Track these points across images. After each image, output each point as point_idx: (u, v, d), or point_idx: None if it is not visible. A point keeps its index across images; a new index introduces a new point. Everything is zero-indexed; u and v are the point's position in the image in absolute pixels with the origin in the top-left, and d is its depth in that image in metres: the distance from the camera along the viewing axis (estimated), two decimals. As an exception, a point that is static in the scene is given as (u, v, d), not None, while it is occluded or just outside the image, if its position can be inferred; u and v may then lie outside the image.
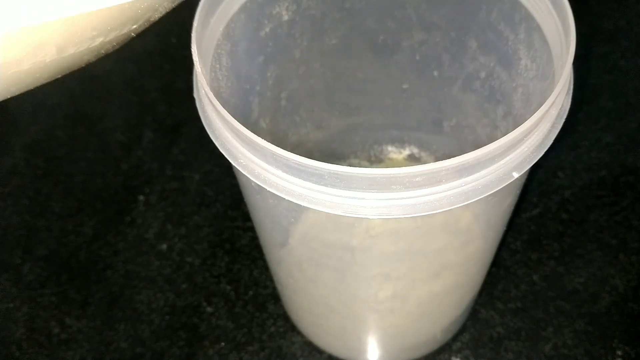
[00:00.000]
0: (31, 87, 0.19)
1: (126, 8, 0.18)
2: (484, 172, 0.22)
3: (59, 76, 0.20)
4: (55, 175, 0.47)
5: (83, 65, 0.20)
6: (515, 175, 0.23)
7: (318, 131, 0.39)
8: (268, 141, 0.22)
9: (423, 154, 0.41)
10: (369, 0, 0.33)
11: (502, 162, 0.22)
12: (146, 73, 0.53)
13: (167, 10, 0.20)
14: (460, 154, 0.21)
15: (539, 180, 0.44)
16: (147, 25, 0.20)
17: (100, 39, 0.19)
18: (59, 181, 0.46)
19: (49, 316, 0.40)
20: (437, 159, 0.40)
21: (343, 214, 0.22)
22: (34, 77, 0.19)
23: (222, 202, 0.44)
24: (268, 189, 0.23)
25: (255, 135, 0.22)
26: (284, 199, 0.23)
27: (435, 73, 0.36)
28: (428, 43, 0.34)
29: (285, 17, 0.32)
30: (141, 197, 0.45)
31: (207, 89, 0.23)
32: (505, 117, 0.33)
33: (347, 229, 0.27)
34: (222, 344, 0.38)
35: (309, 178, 0.22)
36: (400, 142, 0.41)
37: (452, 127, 0.38)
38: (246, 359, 0.38)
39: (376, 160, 0.41)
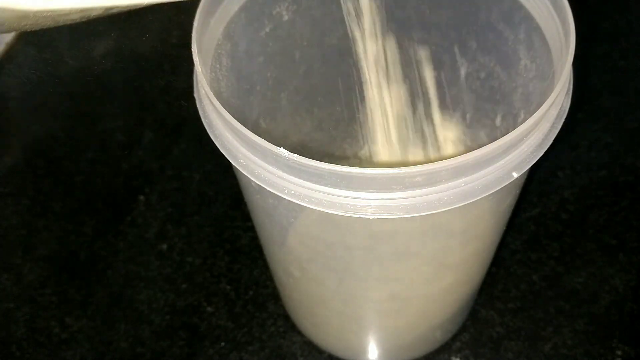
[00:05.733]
0: (72, 23, 0.20)
1: None
2: (483, 172, 0.22)
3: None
4: (56, 175, 0.47)
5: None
6: (515, 175, 0.23)
7: (318, 131, 0.39)
8: (268, 141, 0.22)
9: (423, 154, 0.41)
10: (370, 0, 0.33)
11: (501, 162, 0.22)
12: (146, 73, 0.53)
13: None
14: (460, 154, 0.21)
15: (539, 180, 0.44)
16: None
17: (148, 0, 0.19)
18: (59, 181, 0.46)
19: (49, 316, 0.40)
20: (437, 159, 0.40)
21: (343, 214, 0.22)
22: (74, 21, 0.19)
23: (222, 202, 0.44)
24: (268, 189, 0.23)
25: (255, 135, 0.22)
26: (284, 199, 0.23)
27: (436, 73, 0.36)
28: (428, 43, 0.34)
29: (285, 17, 0.32)
30: (141, 197, 0.45)
31: (207, 89, 0.23)
32: (505, 117, 0.33)
33: (347, 229, 0.27)
34: (222, 343, 0.38)
35: (309, 178, 0.22)
36: (400, 142, 0.41)
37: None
38: (246, 358, 0.38)
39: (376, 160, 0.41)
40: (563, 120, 0.24)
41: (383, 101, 0.33)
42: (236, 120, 0.22)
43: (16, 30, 0.20)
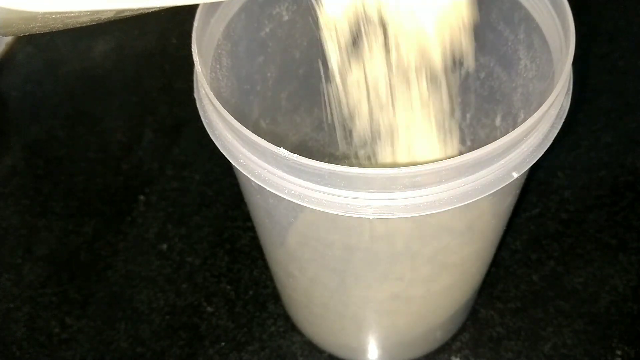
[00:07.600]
0: (82, 25, 0.20)
1: None
2: (483, 172, 0.22)
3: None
4: (56, 175, 0.47)
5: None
6: (515, 175, 0.23)
7: (318, 131, 0.39)
8: (268, 141, 0.22)
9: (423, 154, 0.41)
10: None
11: (501, 162, 0.22)
12: (146, 73, 0.53)
13: None
14: (460, 154, 0.21)
15: (539, 180, 0.44)
16: None
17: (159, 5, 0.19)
18: (59, 181, 0.46)
19: (49, 316, 0.40)
20: (437, 159, 0.40)
21: (343, 214, 0.22)
22: (84, 23, 0.19)
23: (222, 202, 0.44)
24: (268, 189, 0.23)
25: (255, 135, 0.22)
26: (284, 199, 0.23)
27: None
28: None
29: (285, 17, 0.32)
30: (141, 197, 0.45)
31: (208, 89, 0.23)
32: (505, 117, 0.33)
33: (347, 229, 0.27)
34: (222, 343, 0.38)
35: (309, 178, 0.22)
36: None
37: (451, 127, 0.38)
38: (246, 358, 0.38)
39: (376, 160, 0.41)
40: (563, 120, 0.24)
41: (383, 101, 0.33)
42: (236, 120, 0.22)
43: (24, 33, 0.19)
